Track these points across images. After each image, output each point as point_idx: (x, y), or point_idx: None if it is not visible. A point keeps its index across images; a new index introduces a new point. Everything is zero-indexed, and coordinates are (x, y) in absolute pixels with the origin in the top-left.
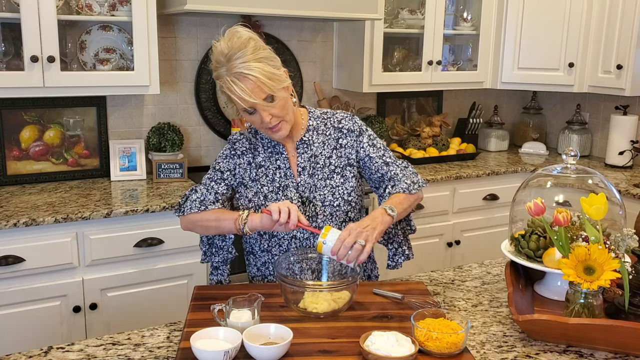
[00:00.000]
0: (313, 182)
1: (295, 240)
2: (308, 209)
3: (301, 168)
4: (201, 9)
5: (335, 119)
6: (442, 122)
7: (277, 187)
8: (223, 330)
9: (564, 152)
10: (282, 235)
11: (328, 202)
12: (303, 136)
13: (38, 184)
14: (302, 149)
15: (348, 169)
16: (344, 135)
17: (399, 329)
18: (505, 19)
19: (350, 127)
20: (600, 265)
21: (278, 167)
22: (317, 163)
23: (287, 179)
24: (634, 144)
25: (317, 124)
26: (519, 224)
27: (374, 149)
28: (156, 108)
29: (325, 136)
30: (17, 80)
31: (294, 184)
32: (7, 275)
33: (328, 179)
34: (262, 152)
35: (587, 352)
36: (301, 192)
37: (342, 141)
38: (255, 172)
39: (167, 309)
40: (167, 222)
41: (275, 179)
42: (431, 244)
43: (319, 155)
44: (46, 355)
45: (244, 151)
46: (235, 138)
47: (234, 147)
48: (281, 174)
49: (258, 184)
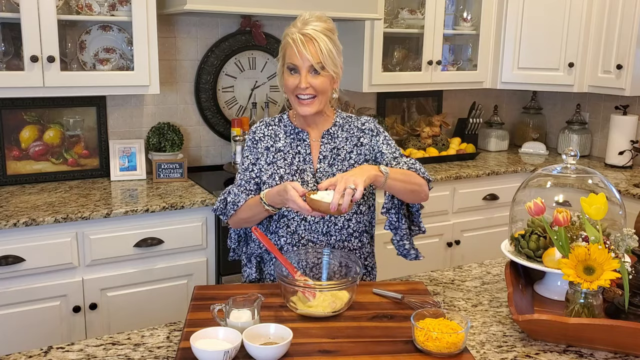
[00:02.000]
0: (332, 171)
1: (304, 223)
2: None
3: (322, 156)
4: (201, 9)
5: (359, 121)
6: (442, 122)
7: (294, 170)
8: (223, 330)
9: (564, 152)
10: (292, 216)
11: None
12: (330, 128)
13: (38, 184)
14: (327, 139)
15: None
16: (365, 134)
17: (399, 329)
18: (505, 19)
19: (371, 128)
20: (600, 265)
21: (298, 152)
22: (339, 155)
23: (305, 164)
24: (634, 144)
25: (343, 122)
26: (519, 224)
27: (387, 146)
28: (156, 108)
29: (348, 134)
30: (17, 80)
31: (312, 169)
32: (7, 275)
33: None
34: (283, 137)
35: (587, 352)
36: (318, 178)
37: (362, 140)
38: (272, 156)
39: (167, 309)
40: (167, 222)
41: (294, 163)
42: (431, 244)
43: (341, 149)
44: (46, 355)
45: (261, 137)
46: (255, 127)
47: (253, 137)
48: (300, 159)
49: (274, 167)
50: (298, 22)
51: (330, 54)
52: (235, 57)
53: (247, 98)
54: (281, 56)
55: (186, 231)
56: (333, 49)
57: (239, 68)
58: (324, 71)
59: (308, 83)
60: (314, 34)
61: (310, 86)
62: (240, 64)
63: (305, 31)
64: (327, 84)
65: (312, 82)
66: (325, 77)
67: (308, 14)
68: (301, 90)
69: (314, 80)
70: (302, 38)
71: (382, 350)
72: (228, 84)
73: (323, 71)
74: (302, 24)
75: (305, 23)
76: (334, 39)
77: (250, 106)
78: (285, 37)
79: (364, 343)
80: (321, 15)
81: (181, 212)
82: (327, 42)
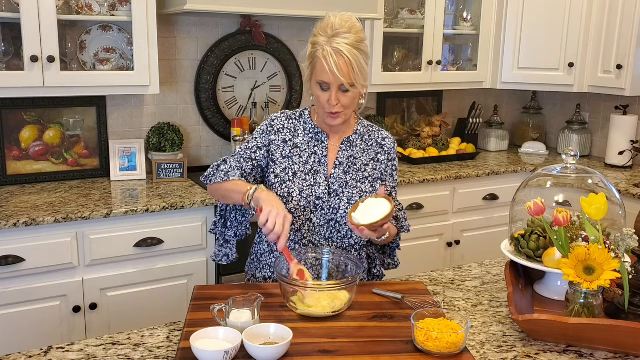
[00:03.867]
0: (346, 179)
1: (309, 224)
2: (333, 201)
3: (339, 162)
4: (201, 9)
5: (380, 135)
6: (442, 122)
7: (308, 169)
8: (223, 330)
9: (564, 152)
10: (298, 214)
11: (354, 201)
12: (351, 136)
13: (38, 184)
14: (346, 145)
15: (378, 182)
16: (383, 152)
17: (399, 329)
18: (505, 19)
19: (390, 149)
20: (600, 265)
21: (314, 153)
22: (355, 164)
23: (320, 166)
24: (634, 144)
25: (364, 131)
26: (519, 223)
27: (391, 179)
28: (156, 108)
29: (367, 145)
30: (17, 80)
31: (325, 173)
32: (7, 275)
33: (360, 182)
34: (302, 134)
35: (587, 352)
36: (331, 183)
37: (380, 157)
38: (289, 150)
39: (167, 309)
40: (167, 222)
41: (309, 162)
42: (431, 244)
43: (358, 159)
44: (46, 355)
45: (280, 129)
46: (275, 116)
47: (271, 124)
48: (316, 160)
49: (289, 161)
50: (328, 29)
51: (361, 69)
52: (235, 57)
53: (247, 98)
54: (310, 66)
55: (186, 231)
56: (364, 64)
57: (239, 68)
58: (354, 88)
59: (338, 100)
60: (346, 50)
61: (340, 103)
62: (240, 64)
63: (336, 46)
64: (356, 99)
65: (341, 100)
66: (355, 92)
67: (338, 19)
68: (331, 108)
69: (343, 98)
70: (334, 54)
71: (382, 350)
72: (228, 84)
73: (352, 88)
74: (332, 34)
75: (335, 34)
76: (365, 50)
77: (250, 106)
78: (315, 48)
79: (364, 343)
80: (350, 20)
81: (181, 212)
82: (359, 58)
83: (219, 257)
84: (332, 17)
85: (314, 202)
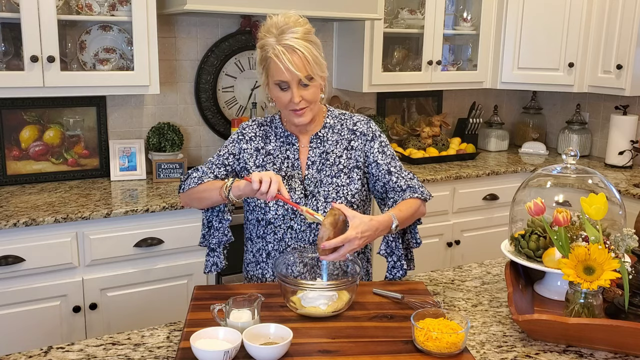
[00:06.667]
0: (320, 177)
1: (291, 231)
2: (310, 203)
3: (311, 162)
4: (201, 9)
5: (352, 121)
6: (442, 122)
7: (282, 176)
8: (223, 330)
9: (564, 152)
10: (279, 223)
11: (331, 199)
12: (319, 132)
13: (38, 184)
14: (316, 143)
15: (355, 171)
16: (357, 137)
17: (399, 329)
18: (505, 19)
19: (364, 131)
20: (600, 265)
21: (287, 157)
22: (327, 160)
23: (294, 169)
24: (634, 144)
25: (334, 122)
26: (519, 223)
27: (383, 155)
28: (156, 108)
29: (339, 135)
30: (17, 80)
31: (300, 176)
32: (7, 275)
33: (335, 177)
34: (273, 140)
35: (587, 352)
36: (306, 185)
37: (353, 143)
38: (262, 159)
39: (167, 309)
40: (167, 222)
41: (282, 168)
42: (431, 244)
43: (330, 153)
44: (46, 355)
45: (252, 137)
46: (246, 124)
47: (242, 133)
48: (289, 164)
49: (263, 170)
50: (272, 28)
51: (316, 60)
52: (235, 57)
53: (247, 98)
54: (264, 69)
55: (186, 231)
56: (317, 53)
57: (239, 68)
58: (313, 81)
59: (300, 97)
60: (296, 44)
61: (303, 99)
62: (240, 64)
63: (286, 43)
64: (318, 92)
65: (303, 95)
66: (315, 86)
67: (281, 17)
68: (295, 105)
69: (305, 93)
70: (286, 51)
71: (382, 350)
72: (228, 84)
73: (311, 81)
74: (279, 32)
75: (281, 31)
76: (315, 40)
77: (250, 106)
78: (265, 50)
79: (364, 343)
80: (294, 16)
81: (181, 212)
82: (311, 49)
83: (207, 267)
84: (273, 17)
85: (292, 208)
